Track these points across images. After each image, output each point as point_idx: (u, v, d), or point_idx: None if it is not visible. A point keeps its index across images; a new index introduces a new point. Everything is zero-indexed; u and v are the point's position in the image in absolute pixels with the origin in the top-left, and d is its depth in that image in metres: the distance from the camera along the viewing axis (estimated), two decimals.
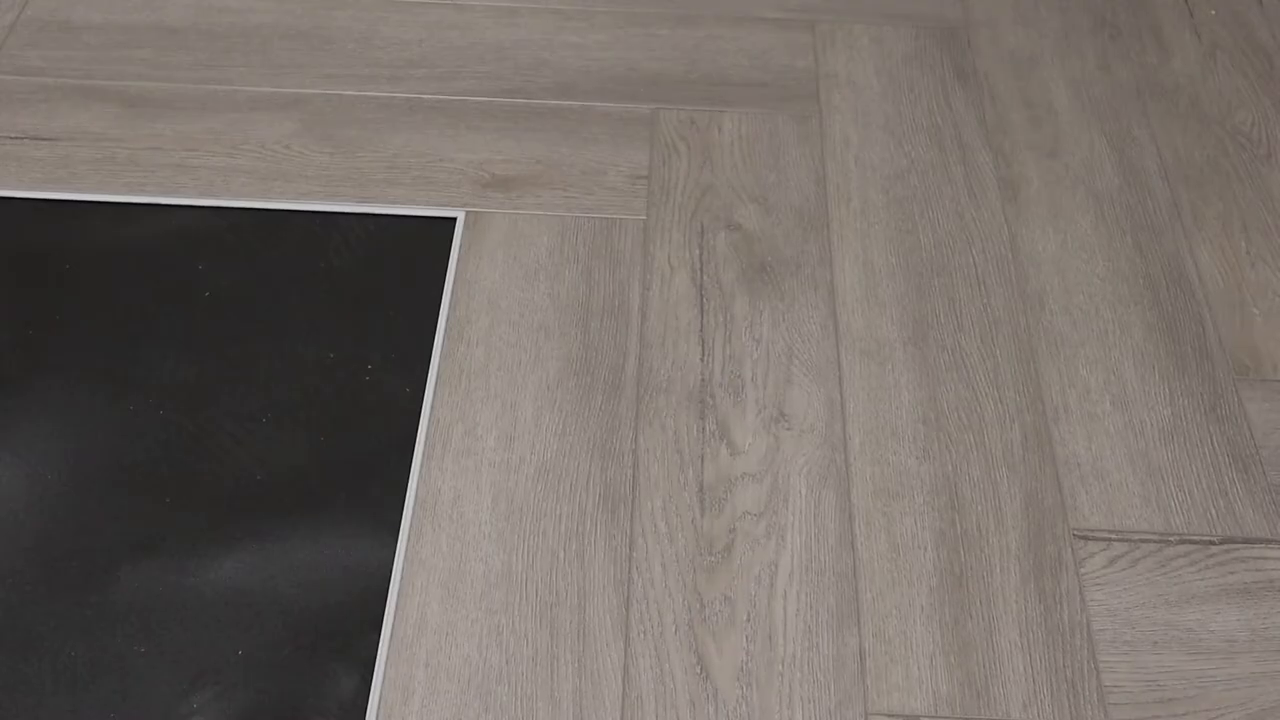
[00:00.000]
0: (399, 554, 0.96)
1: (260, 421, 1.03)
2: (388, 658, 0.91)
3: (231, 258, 1.16)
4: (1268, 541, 1.00)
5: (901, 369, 1.10)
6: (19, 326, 1.09)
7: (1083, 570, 0.98)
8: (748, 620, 0.94)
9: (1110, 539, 1.00)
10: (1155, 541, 1.00)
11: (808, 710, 0.89)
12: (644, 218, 1.21)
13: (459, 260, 1.16)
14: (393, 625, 0.92)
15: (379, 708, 0.88)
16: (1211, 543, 1.00)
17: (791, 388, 1.08)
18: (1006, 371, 1.10)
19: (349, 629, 0.92)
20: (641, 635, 0.93)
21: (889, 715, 0.90)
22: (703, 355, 1.10)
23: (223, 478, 0.99)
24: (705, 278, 1.16)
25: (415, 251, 1.17)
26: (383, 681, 0.89)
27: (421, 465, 1.01)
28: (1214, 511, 1.02)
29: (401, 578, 0.95)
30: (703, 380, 1.08)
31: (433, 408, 1.05)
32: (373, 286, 1.14)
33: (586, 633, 0.93)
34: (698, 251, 1.18)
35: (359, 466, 1.01)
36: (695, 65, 1.37)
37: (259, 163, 1.23)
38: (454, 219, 1.19)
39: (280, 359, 1.08)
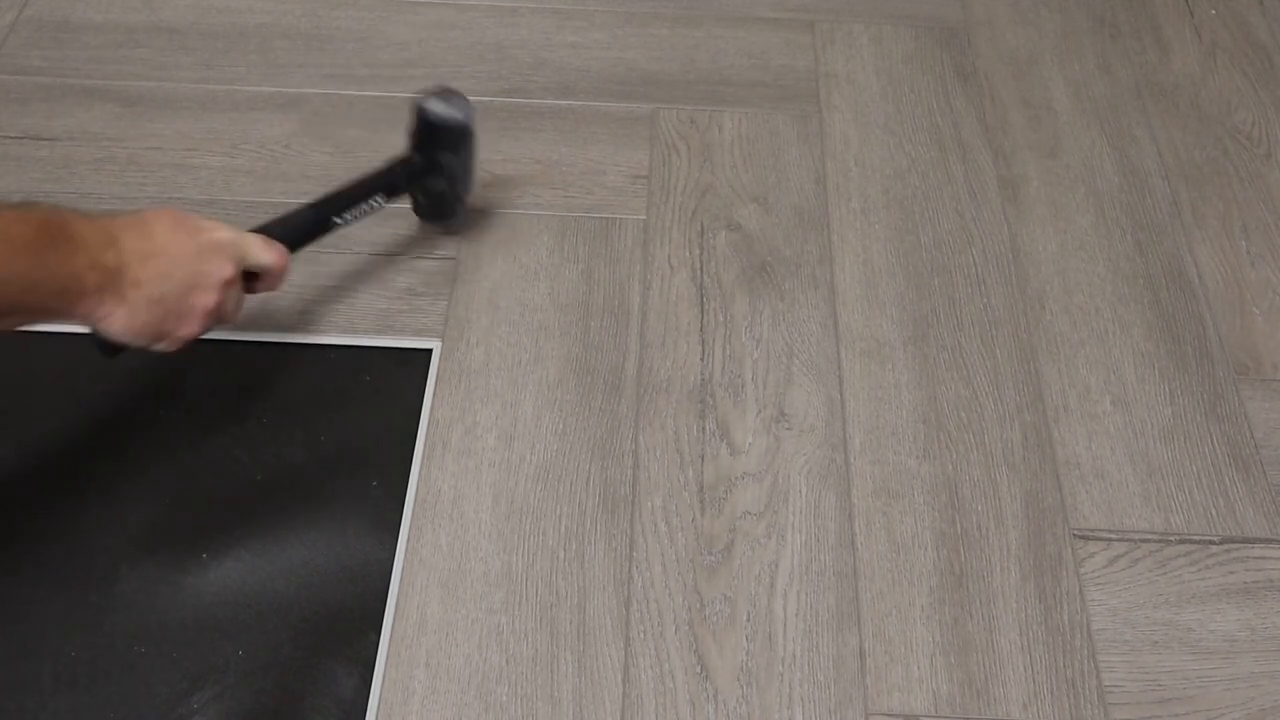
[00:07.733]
0: (399, 553, 0.96)
1: (260, 421, 1.03)
2: (388, 658, 0.91)
3: None
4: (1268, 541, 1.00)
5: (901, 369, 1.10)
6: None
7: (1083, 570, 0.98)
8: (748, 620, 0.94)
9: (1110, 539, 1.00)
10: (1155, 541, 1.00)
11: (808, 710, 0.89)
12: (644, 217, 1.21)
13: (458, 260, 1.16)
14: (392, 625, 0.92)
15: (379, 708, 0.88)
16: (1211, 543, 1.00)
17: (791, 387, 1.08)
18: (1006, 371, 1.10)
19: (349, 629, 0.92)
20: (641, 635, 0.93)
21: (889, 715, 0.90)
22: (703, 355, 1.10)
23: (222, 477, 0.99)
24: (705, 277, 1.16)
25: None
26: (383, 681, 0.89)
27: (421, 465, 1.01)
28: (1214, 511, 1.02)
29: (401, 577, 0.95)
30: (703, 380, 1.08)
31: (433, 407, 1.05)
32: None
33: (586, 633, 0.92)
34: (698, 251, 1.18)
35: (359, 466, 1.01)
36: (695, 65, 1.37)
37: (259, 162, 1.23)
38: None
39: (280, 359, 1.08)
